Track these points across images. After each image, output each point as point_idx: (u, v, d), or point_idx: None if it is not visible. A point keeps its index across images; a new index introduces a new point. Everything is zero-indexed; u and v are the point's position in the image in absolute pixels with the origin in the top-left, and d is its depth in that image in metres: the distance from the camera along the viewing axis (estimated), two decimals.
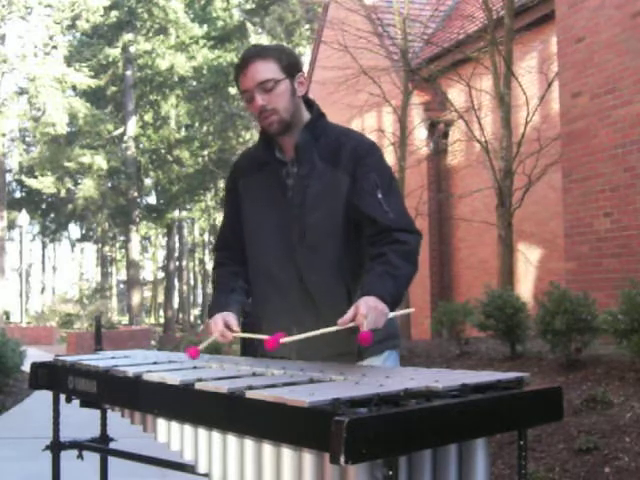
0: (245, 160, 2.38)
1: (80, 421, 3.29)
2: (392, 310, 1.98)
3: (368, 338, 1.85)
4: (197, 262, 45.19)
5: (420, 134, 12.11)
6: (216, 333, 2.15)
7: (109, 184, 30.80)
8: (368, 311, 1.88)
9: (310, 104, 2.27)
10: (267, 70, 2.15)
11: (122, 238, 36.78)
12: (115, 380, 2.14)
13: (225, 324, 2.16)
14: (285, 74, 2.17)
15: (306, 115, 2.25)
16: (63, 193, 30.71)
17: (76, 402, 2.54)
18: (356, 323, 1.88)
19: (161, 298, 43.41)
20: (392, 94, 10.72)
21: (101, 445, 2.82)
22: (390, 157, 11.80)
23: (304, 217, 2.17)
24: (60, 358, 2.55)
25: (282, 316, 2.19)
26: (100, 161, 28.86)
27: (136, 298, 32.14)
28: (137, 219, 32.01)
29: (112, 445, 2.84)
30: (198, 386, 1.78)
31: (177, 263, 39.05)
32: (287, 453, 1.53)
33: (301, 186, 2.19)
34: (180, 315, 39.35)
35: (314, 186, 2.18)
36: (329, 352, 2.13)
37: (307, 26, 27.81)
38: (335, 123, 2.35)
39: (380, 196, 2.12)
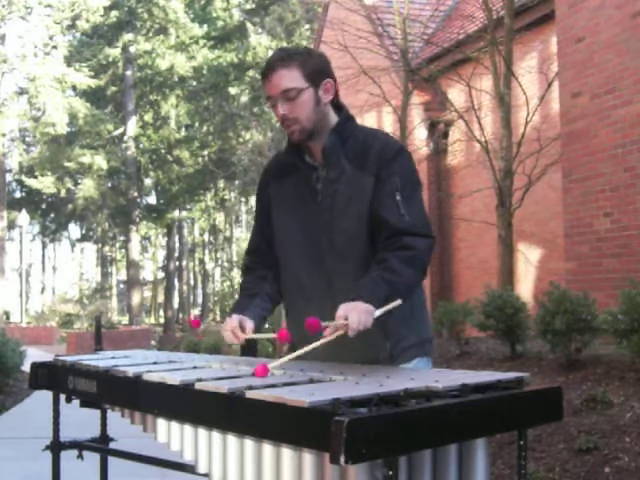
0: (275, 164, 2.35)
1: (80, 421, 3.29)
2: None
3: (309, 327, 1.84)
4: (197, 262, 45.21)
5: (420, 134, 12.11)
6: (227, 332, 2.08)
7: (109, 184, 30.80)
8: (347, 313, 1.86)
9: (339, 107, 2.23)
10: (290, 79, 2.10)
11: (122, 238, 36.78)
12: (115, 380, 2.14)
13: (239, 324, 2.10)
14: (309, 82, 2.12)
15: (334, 119, 2.20)
16: (63, 193, 30.71)
17: (76, 402, 2.55)
18: (340, 330, 1.86)
19: (161, 298, 43.41)
20: (392, 94, 10.72)
21: (101, 445, 2.82)
22: None
23: (333, 222, 2.14)
24: (60, 358, 2.55)
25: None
26: (100, 161, 28.86)
27: (136, 298, 32.14)
28: (137, 219, 32.01)
29: (112, 445, 2.85)
30: (198, 386, 1.78)
31: (177, 263, 39.05)
32: (287, 453, 1.53)
33: (330, 190, 2.15)
34: (180, 315, 39.35)
35: (343, 190, 2.14)
36: (357, 359, 2.09)
37: (307, 26, 27.80)
38: (363, 125, 2.30)
39: (399, 199, 2.07)
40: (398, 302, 1.97)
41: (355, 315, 1.86)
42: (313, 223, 2.17)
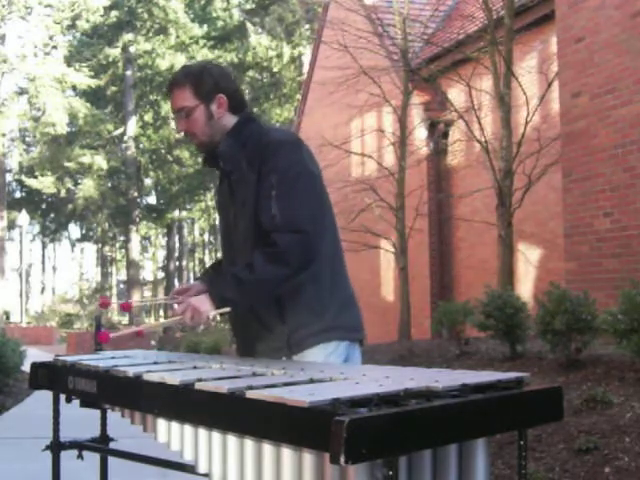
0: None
1: (80, 421, 3.29)
2: (227, 306, 2.15)
3: (104, 337, 2.25)
4: (197, 262, 45.20)
5: (420, 134, 12.11)
6: (171, 293, 2.45)
7: (109, 184, 30.80)
8: (184, 308, 2.16)
9: (239, 110, 2.34)
10: (182, 98, 2.29)
11: (122, 238, 36.78)
12: (115, 380, 2.14)
13: (183, 288, 2.43)
14: (200, 100, 2.28)
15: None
16: (63, 193, 30.72)
17: (76, 402, 2.54)
18: (178, 318, 2.19)
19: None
20: (392, 94, 10.72)
21: (101, 445, 2.81)
22: (390, 157, 11.82)
23: (236, 223, 2.31)
24: (60, 358, 2.55)
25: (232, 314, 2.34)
26: (100, 161, 28.88)
27: (136, 298, 32.12)
28: (137, 219, 32.02)
29: (112, 445, 2.84)
30: (198, 386, 1.78)
31: (177, 263, 39.05)
32: (287, 453, 1.53)
33: (235, 194, 2.31)
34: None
35: (240, 192, 2.28)
36: (264, 347, 2.29)
37: (307, 26, 27.81)
38: (268, 124, 2.47)
39: (274, 197, 2.16)
40: (227, 309, 2.16)
41: (189, 313, 2.15)
42: (229, 224, 2.37)
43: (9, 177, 33.38)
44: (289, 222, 2.14)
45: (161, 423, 1.93)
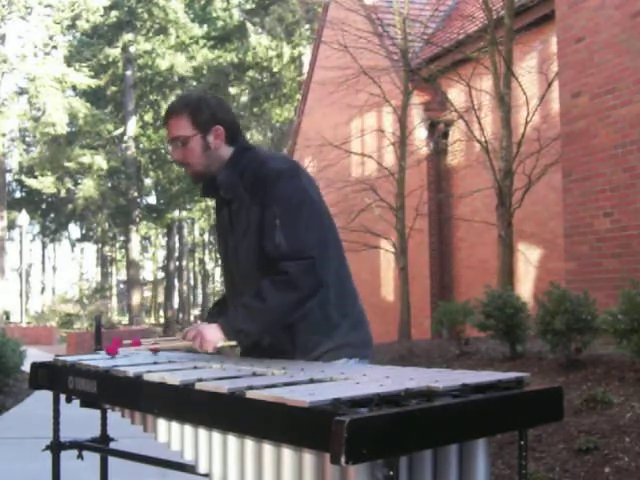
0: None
1: (80, 421, 3.29)
2: (239, 338, 2.19)
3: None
4: (197, 262, 45.20)
5: (420, 134, 12.11)
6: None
7: (109, 184, 30.79)
8: (193, 336, 2.21)
9: (236, 140, 2.35)
10: (178, 127, 2.29)
11: (122, 238, 36.76)
12: (115, 380, 2.14)
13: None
14: (197, 130, 2.28)
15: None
16: (63, 193, 30.70)
17: (76, 402, 2.54)
18: (189, 344, 2.23)
19: (161, 298, 43.40)
20: (392, 94, 10.72)
21: (101, 445, 2.81)
22: (390, 157, 11.82)
23: (237, 252, 2.32)
24: (60, 358, 2.54)
25: None
26: (100, 161, 28.86)
27: (136, 298, 32.13)
28: (137, 219, 32.01)
29: (112, 445, 2.84)
30: (198, 386, 1.78)
31: (177, 263, 39.04)
32: (287, 453, 1.53)
33: (234, 222, 2.33)
34: (180, 315, 39.34)
35: (241, 221, 2.29)
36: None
37: (307, 26, 27.80)
38: (264, 151, 2.45)
39: (277, 227, 2.17)
40: (233, 343, 2.20)
41: (198, 340, 2.19)
42: (229, 251, 2.37)
43: (9, 177, 33.36)
44: (296, 249, 2.16)
45: (161, 423, 1.93)
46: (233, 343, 2.19)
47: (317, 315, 2.22)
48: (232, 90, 30.11)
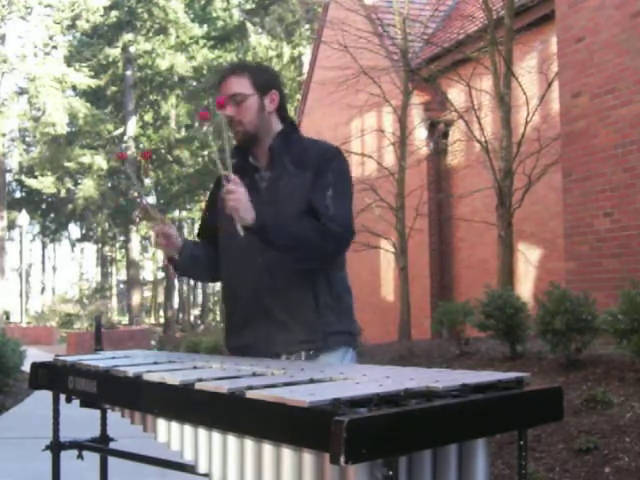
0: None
1: (80, 421, 3.29)
2: (262, 235, 2.17)
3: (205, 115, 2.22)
4: None
5: (420, 134, 12.11)
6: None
7: (109, 184, 30.80)
8: (236, 197, 2.13)
9: (286, 117, 2.46)
10: (238, 84, 2.35)
11: (122, 238, 36.78)
12: (115, 380, 2.14)
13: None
14: (256, 90, 2.36)
15: (279, 127, 2.42)
16: (63, 193, 30.71)
17: (76, 402, 2.54)
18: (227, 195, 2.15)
19: (161, 298, 43.39)
20: (392, 94, 10.72)
21: (101, 445, 2.81)
22: (390, 157, 11.82)
23: (277, 214, 2.28)
24: (60, 358, 2.55)
25: (251, 306, 2.36)
26: (100, 161, 28.87)
27: (136, 298, 32.14)
28: (137, 219, 31.99)
29: (112, 445, 2.84)
30: (198, 386, 1.78)
31: None
32: (287, 453, 1.53)
33: (274, 187, 2.36)
34: (180, 315, 39.34)
35: (286, 186, 2.34)
36: (285, 339, 2.30)
37: (307, 26, 27.80)
38: (307, 136, 2.52)
39: (329, 194, 2.28)
40: (251, 224, 2.15)
41: (235, 197, 2.12)
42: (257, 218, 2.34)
43: (9, 177, 33.37)
44: (342, 219, 2.27)
45: (161, 423, 1.93)
46: (250, 227, 2.16)
47: (334, 294, 2.35)
48: None
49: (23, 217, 28.78)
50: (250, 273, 2.36)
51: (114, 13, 29.57)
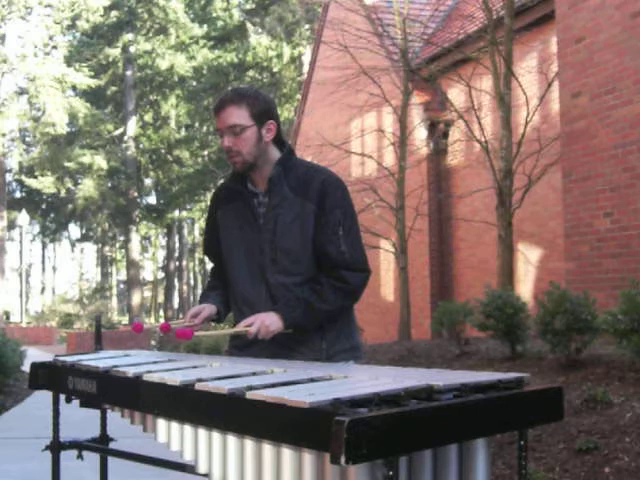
0: (222, 191, 2.60)
1: (80, 421, 3.29)
2: (293, 330, 2.29)
3: (182, 334, 2.26)
4: (197, 262, 45.17)
5: (420, 134, 12.11)
6: (187, 315, 2.44)
7: (109, 184, 30.80)
8: (253, 320, 2.25)
9: (282, 142, 2.48)
10: (237, 116, 2.35)
11: (122, 238, 36.78)
12: (115, 380, 2.14)
13: (198, 310, 2.46)
14: (254, 121, 2.36)
15: (276, 153, 2.44)
16: (63, 193, 30.71)
17: (76, 402, 2.54)
18: (245, 330, 2.24)
19: (161, 298, 43.43)
20: (392, 94, 10.72)
21: (101, 445, 2.81)
22: (390, 157, 11.82)
23: (276, 242, 2.37)
24: (60, 358, 2.54)
25: None
26: (100, 161, 28.87)
27: (136, 298, 32.14)
28: (137, 219, 32.02)
29: (112, 445, 2.84)
30: (198, 386, 1.78)
31: (177, 263, 39.05)
32: (287, 453, 1.53)
33: (273, 214, 2.39)
34: (180, 315, 39.33)
35: (285, 214, 2.38)
36: (301, 358, 2.34)
37: (307, 26, 27.81)
38: (303, 160, 2.57)
39: (341, 233, 2.35)
40: (290, 331, 2.29)
41: (257, 325, 2.24)
42: (254, 241, 2.42)
43: (9, 177, 33.38)
44: (357, 261, 2.38)
45: (161, 423, 1.93)
46: (289, 331, 2.29)
47: (342, 315, 2.42)
48: None
49: (23, 217, 28.79)
50: (254, 297, 2.42)
51: (114, 13, 29.58)
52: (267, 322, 2.24)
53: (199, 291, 45.55)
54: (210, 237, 2.63)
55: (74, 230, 43.69)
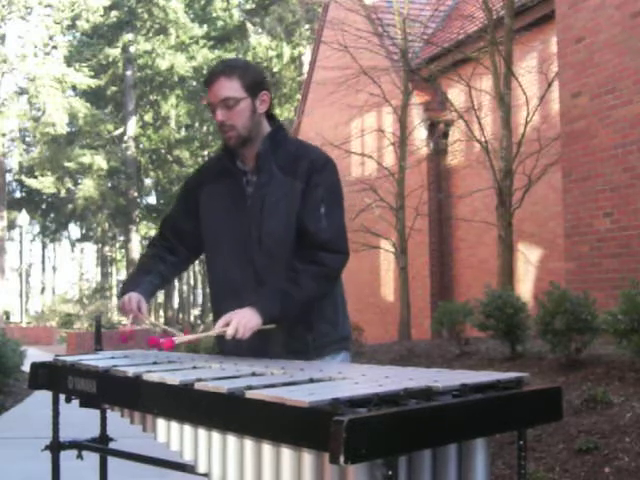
0: (210, 167, 2.51)
1: (80, 421, 3.29)
2: (273, 323, 2.16)
3: (163, 344, 2.14)
4: (197, 262, 45.14)
5: (420, 134, 12.11)
6: (130, 314, 2.35)
7: (109, 184, 30.80)
8: (229, 320, 2.12)
9: (272, 117, 2.38)
10: (230, 88, 2.26)
11: (122, 238, 36.77)
12: (115, 380, 2.14)
13: (138, 306, 2.36)
14: (247, 93, 2.27)
15: (267, 128, 2.35)
16: (63, 193, 30.70)
17: (76, 402, 2.54)
18: (223, 330, 2.12)
19: (161, 298, 43.38)
20: (392, 94, 10.72)
21: (101, 445, 2.81)
22: (390, 157, 11.82)
23: (262, 223, 2.28)
24: (60, 358, 2.54)
25: None
26: (100, 161, 28.87)
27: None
28: (137, 219, 32.01)
29: (112, 445, 2.84)
30: (198, 386, 1.78)
31: None
32: (287, 453, 1.53)
33: (260, 194, 2.30)
34: (180, 315, 39.34)
35: (272, 194, 2.29)
36: (281, 350, 2.27)
37: (307, 26, 27.81)
38: (294, 137, 2.51)
39: (322, 211, 2.24)
40: (272, 326, 2.17)
41: (234, 325, 2.11)
42: (242, 223, 2.32)
43: (9, 177, 33.36)
44: (335, 242, 2.25)
45: (161, 423, 1.93)
46: (267, 327, 2.17)
47: (329, 304, 2.32)
48: None
49: (23, 217, 28.80)
50: (240, 282, 2.31)
51: (114, 13, 29.57)
52: (244, 320, 2.12)
53: (199, 291, 45.57)
54: (180, 209, 2.52)
55: (74, 230, 43.66)
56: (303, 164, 2.28)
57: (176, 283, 39.22)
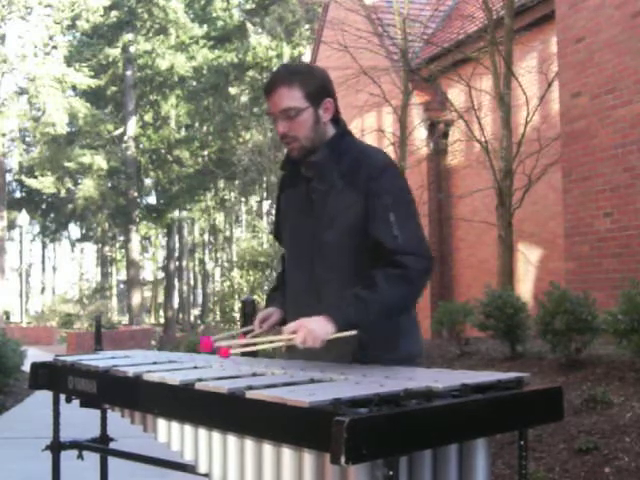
0: (285, 174, 2.40)
1: (80, 421, 3.29)
2: (351, 329, 1.98)
3: (206, 345, 2.07)
4: (197, 262, 45.17)
5: (420, 134, 12.11)
6: (256, 322, 2.28)
7: (109, 184, 30.79)
8: (297, 328, 1.95)
9: (337, 120, 2.24)
10: (291, 98, 2.13)
11: (122, 238, 36.77)
12: (115, 380, 2.14)
13: (266, 314, 2.30)
14: (309, 102, 2.15)
15: (332, 133, 2.22)
16: (63, 193, 30.69)
17: (76, 402, 2.54)
18: (290, 337, 1.96)
19: (161, 298, 43.40)
20: (392, 94, 10.72)
21: (101, 445, 2.82)
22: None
23: (321, 234, 2.17)
24: (60, 358, 2.55)
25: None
26: (100, 161, 28.86)
27: (136, 298, 32.12)
28: (137, 219, 32.01)
29: (112, 445, 2.85)
30: (198, 386, 1.78)
31: (177, 263, 39.03)
32: (287, 453, 1.53)
33: (322, 203, 2.19)
34: (180, 315, 39.34)
35: (331, 204, 2.16)
36: (331, 357, 2.11)
37: (307, 26, 27.80)
38: (360, 141, 2.32)
39: (392, 219, 2.08)
40: (353, 332, 1.98)
41: (302, 334, 1.93)
42: (306, 233, 2.22)
43: (9, 177, 33.36)
44: (416, 245, 2.09)
45: (161, 423, 1.93)
46: (349, 333, 1.98)
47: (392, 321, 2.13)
48: (232, 90, 30.12)
49: (23, 217, 28.80)
50: (299, 285, 2.25)
51: (114, 13, 29.56)
52: (313, 327, 1.95)
53: (199, 291, 45.61)
54: (276, 220, 2.47)
55: (74, 230, 43.67)
56: (362, 173, 2.13)
57: (176, 283, 39.24)
